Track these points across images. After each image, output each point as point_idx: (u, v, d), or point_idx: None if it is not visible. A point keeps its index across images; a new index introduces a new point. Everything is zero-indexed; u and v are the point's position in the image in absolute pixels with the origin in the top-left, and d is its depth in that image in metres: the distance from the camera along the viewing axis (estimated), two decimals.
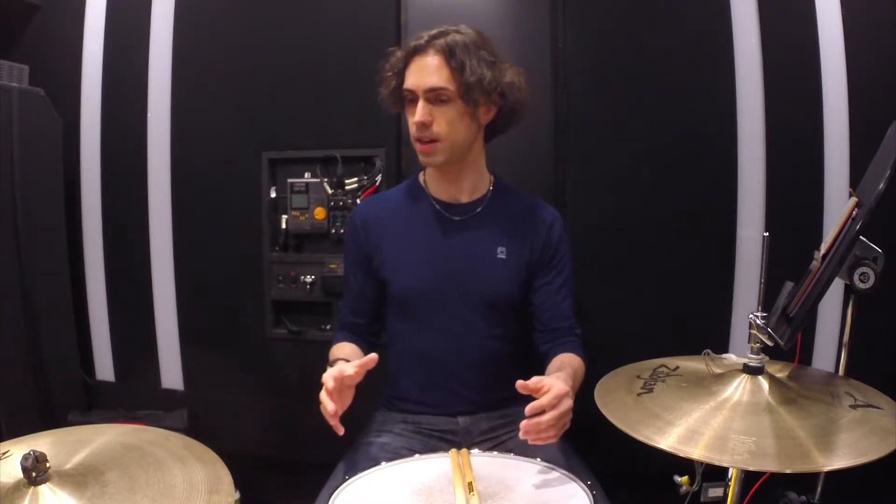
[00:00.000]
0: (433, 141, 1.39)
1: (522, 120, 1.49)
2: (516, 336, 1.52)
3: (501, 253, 1.48)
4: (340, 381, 1.18)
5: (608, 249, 1.91)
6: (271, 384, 2.15)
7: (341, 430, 1.18)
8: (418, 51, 1.39)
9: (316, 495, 1.24)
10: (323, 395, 1.18)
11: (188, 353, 2.22)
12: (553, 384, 1.14)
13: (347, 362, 1.28)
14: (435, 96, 1.37)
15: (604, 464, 1.35)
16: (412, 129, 1.40)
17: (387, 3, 1.94)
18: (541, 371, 1.53)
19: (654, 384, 1.11)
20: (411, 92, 1.39)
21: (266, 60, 2.06)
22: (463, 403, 1.48)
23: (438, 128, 1.38)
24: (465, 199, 1.51)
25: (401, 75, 1.41)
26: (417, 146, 1.42)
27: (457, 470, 1.10)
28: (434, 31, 1.40)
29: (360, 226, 1.52)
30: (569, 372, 1.31)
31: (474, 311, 1.46)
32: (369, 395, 1.57)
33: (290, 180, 2.06)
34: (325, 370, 1.52)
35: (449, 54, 1.36)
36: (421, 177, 1.56)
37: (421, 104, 1.37)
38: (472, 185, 1.51)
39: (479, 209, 1.50)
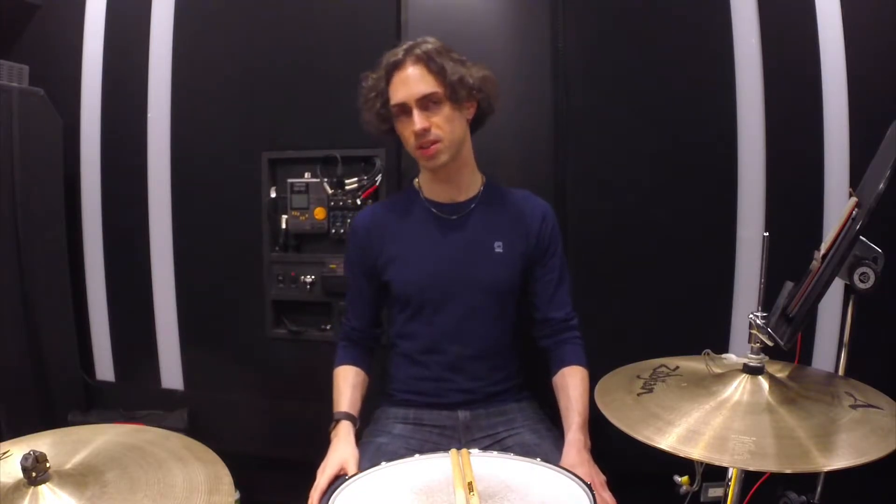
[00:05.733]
0: (435, 143, 1.43)
1: (495, 111, 1.55)
2: (516, 327, 1.56)
3: (498, 247, 1.52)
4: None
5: (608, 249, 1.91)
6: (271, 384, 2.15)
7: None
8: (397, 66, 1.43)
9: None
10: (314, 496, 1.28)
11: (188, 353, 2.22)
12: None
13: (351, 419, 1.44)
14: (426, 103, 1.42)
15: (604, 464, 1.35)
16: (411, 140, 1.45)
17: (387, 3, 1.94)
18: (540, 367, 1.55)
19: (654, 384, 1.11)
20: (402, 106, 1.43)
21: (266, 60, 2.06)
22: (464, 393, 1.51)
23: (437, 129, 1.43)
24: (460, 198, 1.55)
25: (384, 94, 1.46)
26: (419, 153, 1.46)
27: (457, 470, 1.10)
28: (404, 46, 1.45)
29: (363, 233, 1.57)
30: (578, 409, 1.41)
31: (476, 301, 1.50)
32: (368, 394, 1.58)
33: (290, 180, 2.06)
34: (324, 371, 1.55)
35: (427, 61, 1.42)
36: (415, 183, 1.61)
37: (416, 113, 1.41)
38: (466, 183, 1.56)
39: (473, 206, 1.55)
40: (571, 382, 1.47)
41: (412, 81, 1.41)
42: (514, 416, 1.52)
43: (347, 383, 1.53)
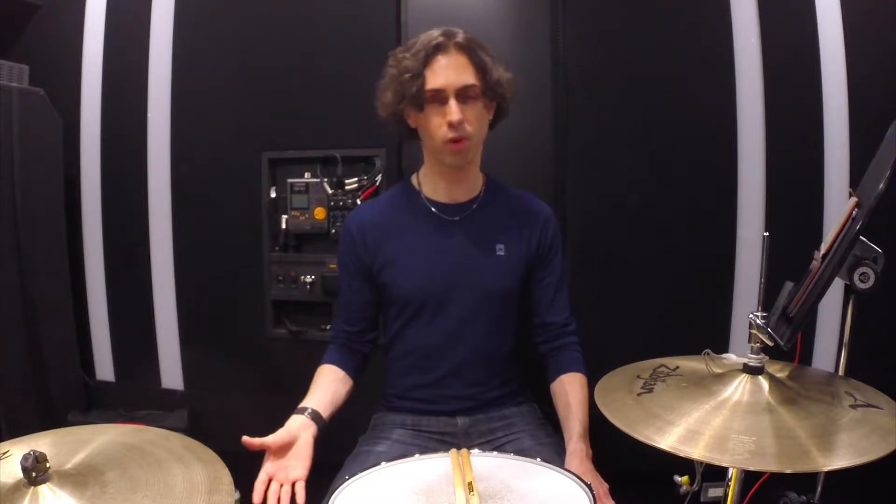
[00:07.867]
0: (464, 139, 1.37)
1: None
2: (515, 333, 1.54)
3: (500, 250, 1.49)
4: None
5: (608, 249, 1.91)
6: (271, 384, 2.15)
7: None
8: (440, 48, 1.35)
9: (315, 496, 1.24)
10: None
11: (188, 353, 2.22)
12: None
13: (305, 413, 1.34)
14: (465, 94, 1.35)
15: (604, 464, 1.35)
16: (441, 130, 1.37)
17: (387, 3, 1.94)
18: (541, 371, 1.54)
19: (654, 384, 1.11)
20: (439, 92, 1.35)
21: (266, 60, 2.06)
22: (463, 400, 1.49)
23: (469, 124, 1.37)
24: (462, 197, 1.51)
25: (420, 76, 1.36)
26: (449, 147, 1.38)
27: (457, 470, 1.10)
28: (443, 30, 1.38)
29: (357, 233, 1.50)
30: (579, 418, 1.39)
31: (476, 305, 1.47)
32: (368, 396, 1.57)
33: (290, 180, 2.06)
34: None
35: (470, 52, 1.36)
36: (414, 179, 1.56)
37: (453, 102, 1.34)
38: (470, 183, 1.52)
39: (474, 207, 1.51)
40: (571, 390, 1.44)
41: (456, 69, 1.34)
42: (513, 421, 1.50)
43: (319, 381, 1.45)
